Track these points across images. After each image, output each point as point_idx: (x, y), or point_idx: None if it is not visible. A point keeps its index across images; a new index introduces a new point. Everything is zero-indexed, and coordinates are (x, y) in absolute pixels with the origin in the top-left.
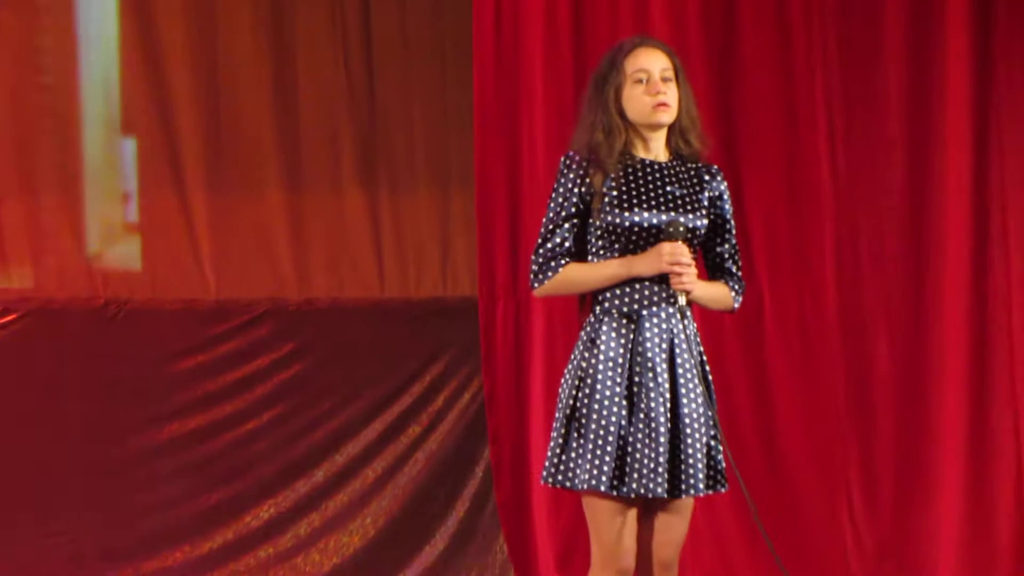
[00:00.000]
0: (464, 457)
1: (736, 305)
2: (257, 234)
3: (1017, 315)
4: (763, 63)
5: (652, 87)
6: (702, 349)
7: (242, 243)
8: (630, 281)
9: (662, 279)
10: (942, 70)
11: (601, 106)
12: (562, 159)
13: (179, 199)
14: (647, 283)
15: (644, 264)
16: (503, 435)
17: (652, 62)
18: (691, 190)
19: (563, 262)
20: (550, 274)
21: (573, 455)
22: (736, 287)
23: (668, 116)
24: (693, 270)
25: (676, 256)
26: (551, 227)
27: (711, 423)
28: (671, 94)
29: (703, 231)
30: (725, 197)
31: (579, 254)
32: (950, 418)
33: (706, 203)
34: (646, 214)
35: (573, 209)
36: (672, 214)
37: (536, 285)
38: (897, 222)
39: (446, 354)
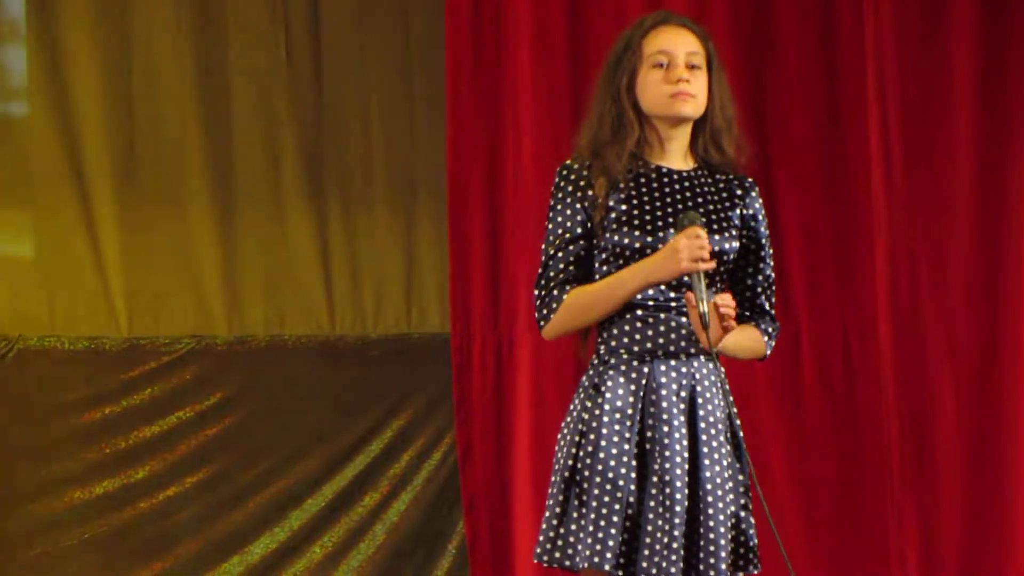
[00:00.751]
0: (433, 531)
1: (768, 351)
2: (179, 259)
3: None
4: (802, 51)
5: (673, 72)
6: (732, 399)
7: (160, 270)
8: (644, 314)
9: (679, 311)
10: (1021, 59)
11: (611, 95)
12: (559, 169)
13: (83, 217)
14: (662, 316)
15: (659, 269)
16: (481, 503)
17: (677, 43)
18: (719, 206)
19: (567, 289)
20: (554, 306)
21: (573, 527)
22: (769, 329)
23: (691, 109)
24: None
25: (695, 250)
26: (551, 252)
27: (740, 490)
28: (697, 83)
29: (733, 256)
30: (760, 217)
31: (588, 280)
32: None
33: (737, 222)
34: (661, 235)
35: (578, 229)
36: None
37: (543, 324)
38: (964, 243)
39: (411, 404)
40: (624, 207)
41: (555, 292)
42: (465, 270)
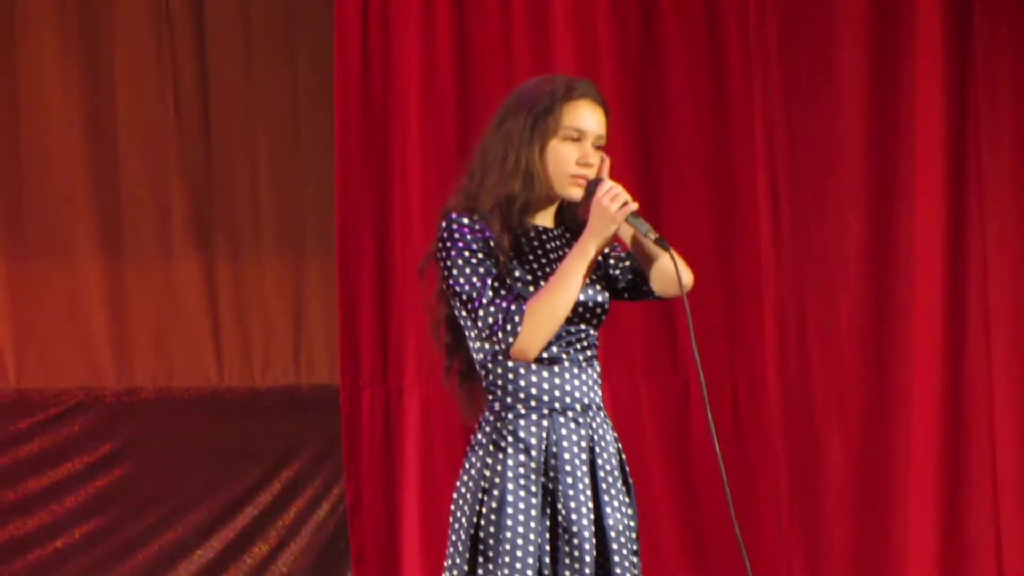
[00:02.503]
0: None
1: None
2: (67, 309)
3: (1000, 411)
4: (691, 106)
5: (584, 155)
6: (620, 446)
7: (48, 320)
8: (539, 367)
9: (572, 362)
10: (909, 108)
11: (526, 154)
12: (447, 219)
13: None
14: (556, 369)
15: (597, 233)
16: (370, 555)
17: (593, 122)
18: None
19: (520, 303)
20: (517, 319)
21: None
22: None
23: (582, 193)
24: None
25: (617, 198)
26: (485, 283)
27: (633, 536)
28: (598, 166)
29: (607, 306)
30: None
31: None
32: (918, 535)
33: (601, 272)
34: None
35: (494, 270)
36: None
37: (511, 340)
38: (854, 294)
39: (299, 456)
40: (522, 268)
41: (509, 307)
42: (354, 321)
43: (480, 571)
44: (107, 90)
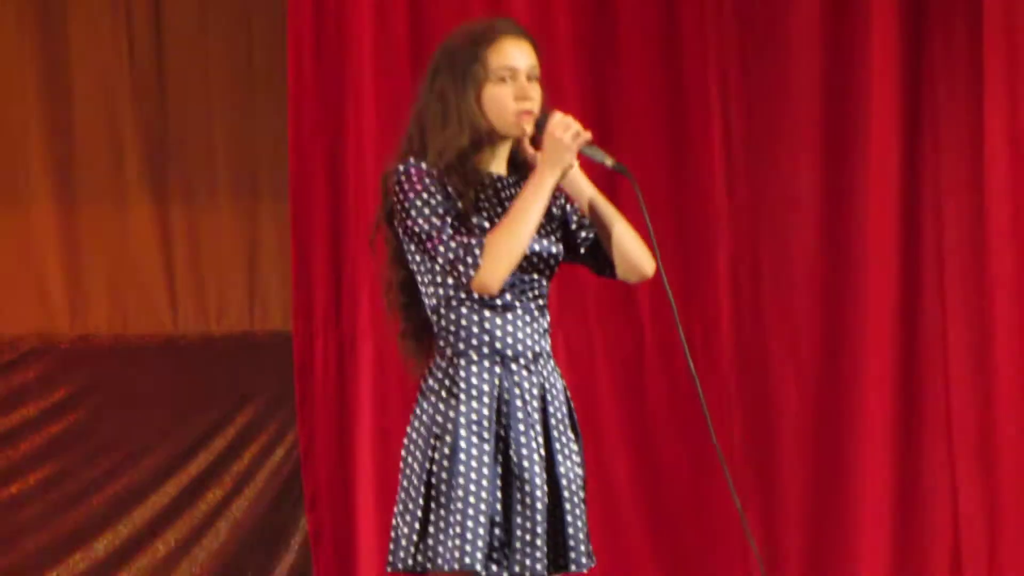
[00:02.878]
0: (276, 527)
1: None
2: (20, 256)
3: (954, 353)
4: (644, 51)
5: (520, 90)
6: (569, 395)
7: (2, 268)
8: (492, 315)
9: (524, 310)
10: (864, 56)
11: (463, 106)
12: (400, 169)
13: None
14: (509, 316)
15: (552, 165)
16: (323, 500)
17: (520, 57)
18: (548, 211)
19: (478, 236)
20: (477, 252)
21: (432, 530)
22: None
23: (531, 126)
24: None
25: (569, 128)
26: (437, 224)
27: (581, 483)
28: (536, 98)
29: (559, 257)
30: (568, 202)
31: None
32: (872, 475)
33: (557, 223)
34: None
35: (453, 210)
36: (535, 237)
37: (472, 273)
38: (807, 241)
39: (254, 402)
40: (479, 216)
41: (470, 241)
42: (307, 268)
43: (432, 516)
44: (60, 35)
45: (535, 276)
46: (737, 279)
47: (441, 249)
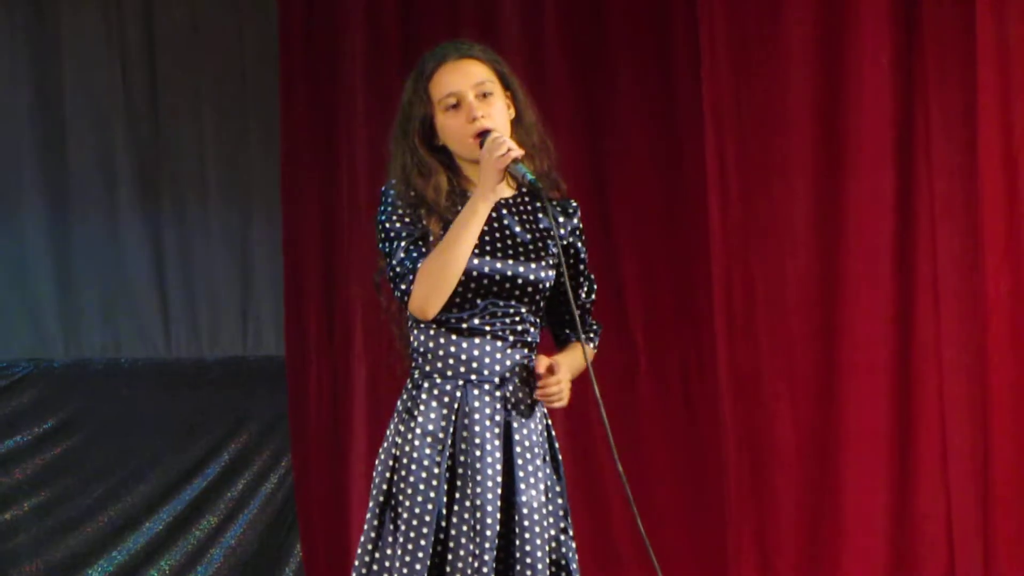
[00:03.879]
0: (270, 555)
1: (594, 350)
2: (14, 282)
3: (948, 381)
4: (638, 76)
5: (468, 112)
6: (549, 422)
7: None
8: (458, 338)
9: (494, 336)
10: (857, 77)
11: (408, 146)
12: (386, 189)
13: None
14: (476, 341)
15: (483, 184)
16: (317, 527)
17: (461, 80)
18: (536, 235)
19: (418, 263)
20: (411, 277)
21: (388, 551)
22: (591, 332)
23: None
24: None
25: (499, 148)
26: (399, 244)
27: (560, 514)
28: (493, 111)
29: (548, 284)
30: (581, 239)
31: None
32: (867, 498)
33: (554, 250)
34: (488, 259)
35: (413, 232)
36: (510, 263)
37: (406, 298)
38: (801, 265)
39: (247, 428)
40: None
41: (408, 264)
42: (300, 292)
43: (388, 538)
44: (54, 57)
45: (512, 302)
46: (731, 302)
47: (390, 273)
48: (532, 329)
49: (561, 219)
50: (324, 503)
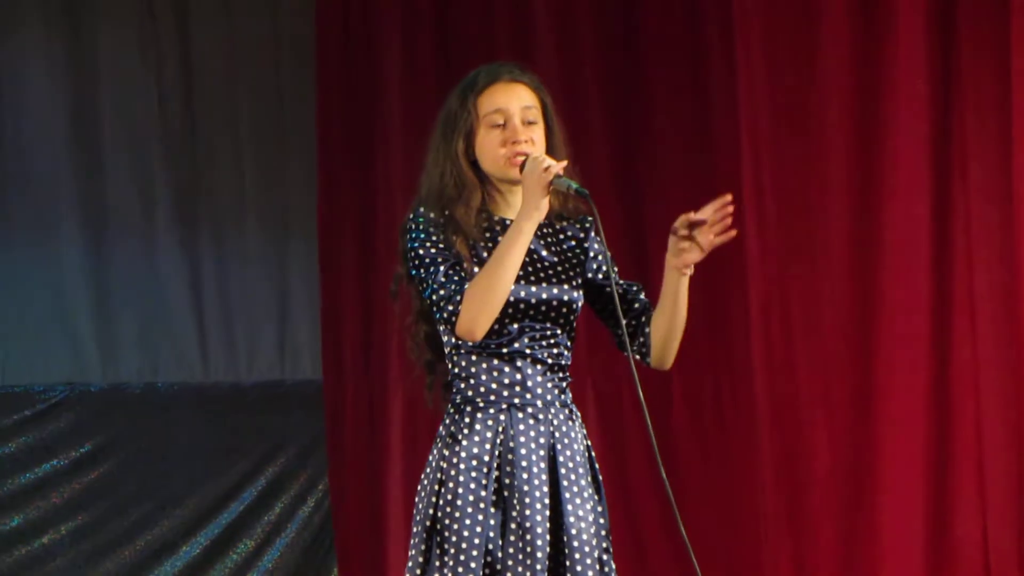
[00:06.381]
0: None
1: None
2: (52, 307)
3: (986, 403)
4: (673, 98)
5: (511, 133)
6: (590, 443)
7: (34, 315)
8: (500, 362)
9: (534, 360)
10: (893, 99)
11: (448, 156)
12: (409, 217)
13: None
14: (518, 364)
15: (527, 204)
16: (355, 552)
17: (512, 101)
18: (564, 256)
19: (464, 285)
20: (458, 299)
21: (432, 574)
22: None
23: (519, 170)
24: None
25: (540, 165)
26: (430, 270)
27: (603, 534)
28: (535, 140)
29: (579, 305)
30: (602, 251)
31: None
32: (904, 529)
33: (580, 269)
34: (522, 283)
35: (450, 256)
36: (544, 286)
37: (454, 319)
38: (837, 288)
39: (284, 451)
40: (477, 261)
41: (454, 288)
42: (337, 316)
43: (436, 563)
44: (91, 83)
45: (548, 324)
46: (768, 326)
47: (433, 297)
48: (566, 352)
49: (580, 235)
50: (361, 527)
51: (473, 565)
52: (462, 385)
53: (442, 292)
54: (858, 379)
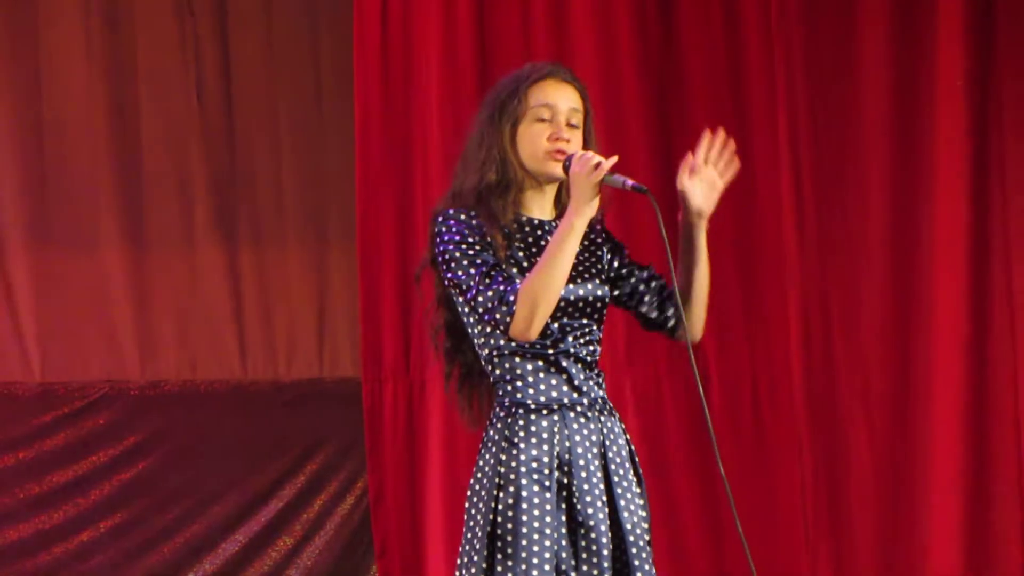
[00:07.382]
0: (347, 575)
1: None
2: (91, 302)
3: None
4: (711, 95)
5: (555, 129)
6: (629, 437)
7: (72, 313)
8: (545, 364)
9: (577, 359)
10: (931, 98)
11: (496, 143)
12: (438, 218)
13: None
14: (564, 364)
15: (577, 202)
16: (393, 548)
17: (561, 98)
18: (585, 254)
19: (515, 285)
20: (511, 299)
21: None
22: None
23: (559, 169)
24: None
25: (588, 163)
26: (470, 272)
27: (645, 526)
28: (574, 143)
29: (606, 301)
30: (621, 247)
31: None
32: (943, 526)
33: (603, 266)
34: None
35: (490, 258)
36: (579, 283)
37: (508, 320)
38: (876, 285)
39: (323, 449)
40: (513, 263)
41: (504, 289)
42: (376, 314)
43: (499, 568)
44: (130, 81)
45: (584, 321)
46: (807, 323)
47: (480, 299)
48: (599, 348)
49: (601, 237)
50: (400, 524)
51: (547, 567)
52: (509, 388)
53: (490, 294)
54: (897, 377)
